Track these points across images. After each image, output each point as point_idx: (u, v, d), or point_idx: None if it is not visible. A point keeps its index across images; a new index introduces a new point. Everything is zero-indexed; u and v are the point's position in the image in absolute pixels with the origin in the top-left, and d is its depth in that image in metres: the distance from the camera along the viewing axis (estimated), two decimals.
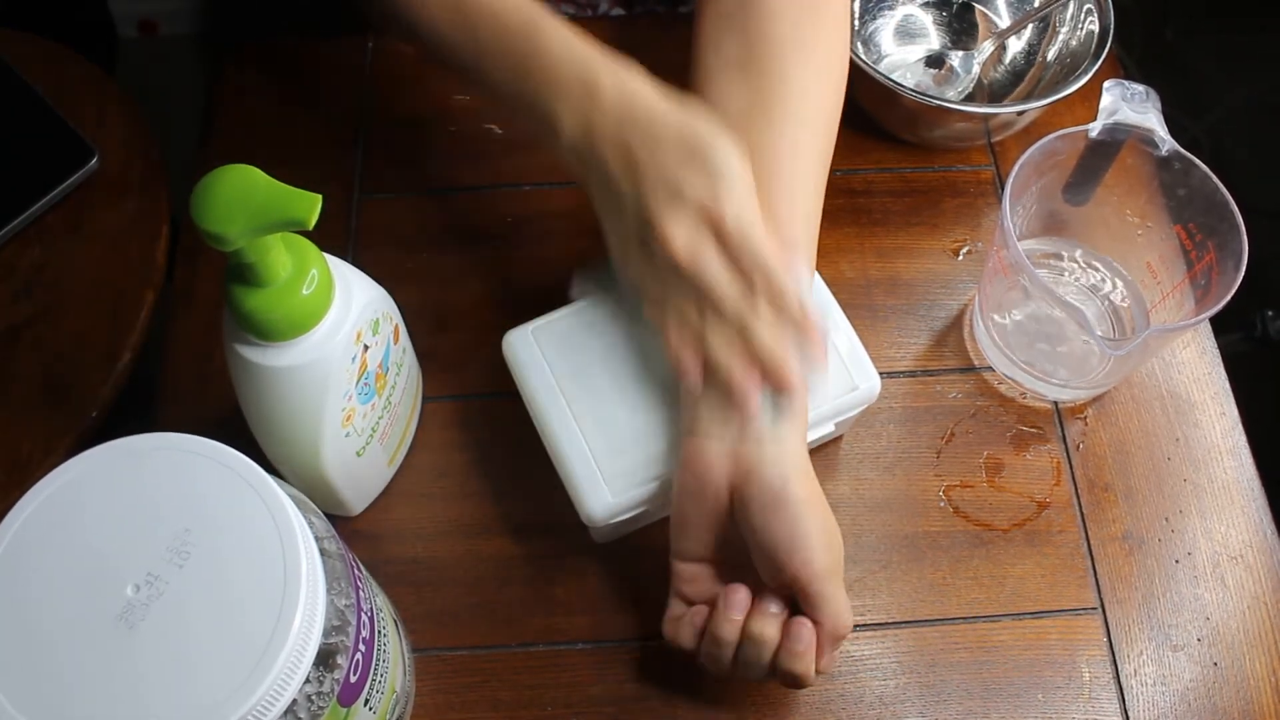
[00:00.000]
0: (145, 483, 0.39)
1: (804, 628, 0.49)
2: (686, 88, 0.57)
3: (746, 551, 0.52)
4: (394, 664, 0.48)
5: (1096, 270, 0.67)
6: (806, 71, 0.56)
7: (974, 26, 0.77)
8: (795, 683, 0.51)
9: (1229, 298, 0.56)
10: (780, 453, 0.50)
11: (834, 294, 0.59)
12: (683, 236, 0.49)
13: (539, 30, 0.53)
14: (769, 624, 0.50)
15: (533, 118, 0.54)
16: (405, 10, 0.56)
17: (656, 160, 0.50)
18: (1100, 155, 0.62)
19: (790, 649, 0.49)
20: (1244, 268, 0.57)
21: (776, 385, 0.50)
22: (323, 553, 0.40)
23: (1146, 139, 0.60)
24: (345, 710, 0.42)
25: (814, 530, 0.49)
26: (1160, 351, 0.66)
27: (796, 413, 0.52)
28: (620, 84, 0.52)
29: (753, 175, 0.53)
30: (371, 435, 0.56)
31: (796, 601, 0.51)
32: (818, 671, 0.50)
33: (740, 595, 0.51)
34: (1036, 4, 0.75)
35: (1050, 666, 0.57)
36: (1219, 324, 0.63)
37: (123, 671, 0.36)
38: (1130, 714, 0.56)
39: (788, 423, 0.51)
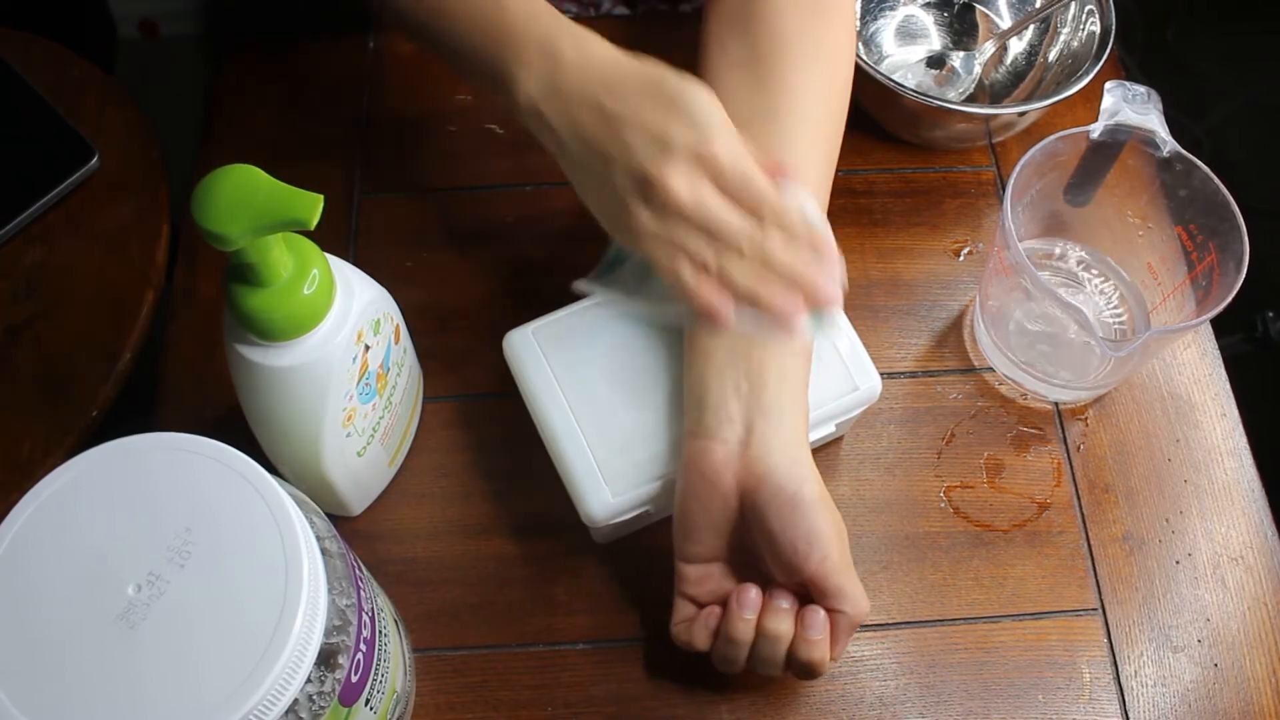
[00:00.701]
0: (146, 482, 0.39)
1: (817, 615, 0.50)
2: None
3: (752, 550, 0.52)
4: (395, 664, 0.48)
5: (1097, 271, 0.67)
6: (812, 73, 0.56)
7: (975, 27, 0.77)
8: (810, 672, 0.51)
9: (1230, 299, 0.56)
10: (791, 456, 0.50)
11: None
12: (683, 183, 0.49)
13: None
14: (783, 619, 0.51)
15: (493, 80, 0.54)
16: None
17: (634, 114, 0.49)
18: (1101, 156, 0.62)
19: (806, 638, 0.50)
20: (1245, 269, 0.57)
21: (815, 301, 0.49)
22: (324, 552, 0.40)
23: (1148, 140, 0.60)
24: (346, 710, 0.42)
25: (827, 529, 0.50)
26: (1161, 353, 0.66)
27: (801, 411, 0.52)
28: (580, 45, 0.52)
29: None
30: (372, 435, 0.56)
31: (807, 593, 0.51)
32: (832, 659, 0.51)
33: (752, 595, 0.51)
34: (1038, 5, 0.75)
35: (1050, 667, 0.57)
36: (1220, 325, 0.63)
37: (124, 671, 0.36)
38: (1130, 715, 0.56)
39: (794, 423, 0.51)
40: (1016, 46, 0.75)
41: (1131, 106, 0.60)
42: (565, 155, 0.52)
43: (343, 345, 0.49)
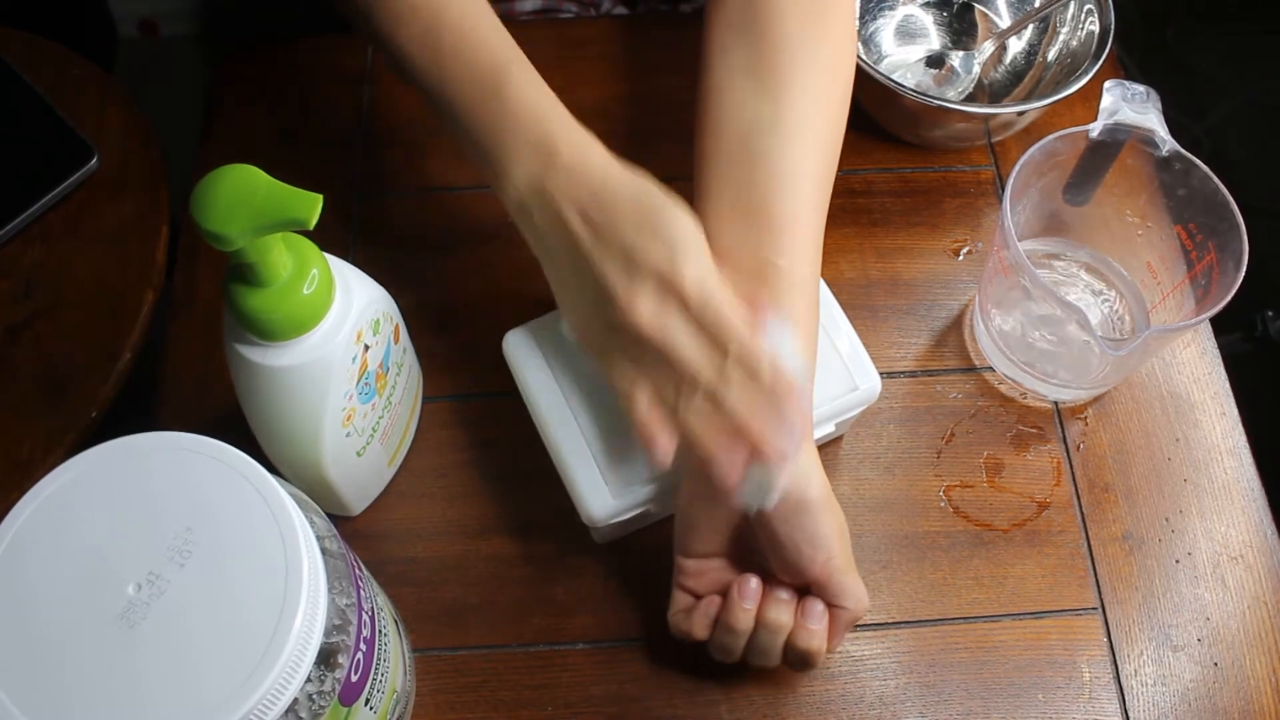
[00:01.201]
0: (146, 482, 0.39)
1: (816, 605, 0.51)
2: (694, 93, 0.57)
3: (752, 546, 0.52)
4: (395, 663, 0.48)
5: (1096, 270, 0.67)
6: (813, 77, 0.56)
7: (974, 27, 0.77)
8: (806, 662, 0.52)
9: (1229, 298, 0.56)
10: (799, 458, 0.50)
11: (834, 294, 0.59)
12: (647, 308, 0.48)
13: (507, 79, 0.52)
14: (783, 610, 0.51)
15: (485, 164, 0.53)
16: (381, 27, 0.55)
17: (611, 227, 0.49)
18: (1100, 155, 0.62)
19: (806, 626, 0.51)
20: (1244, 268, 0.57)
21: (754, 456, 0.47)
22: (324, 552, 0.40)
23: (1147, 139, 0.60)
24: (346, 709, 0.42)
25: (832, 530, 0.50)
26: (1160, 352, 0.66)
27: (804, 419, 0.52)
28: (577, 149, 0.51)
29: (759, 181, 0.52)
30: (372, 435, 0.56)
31: (808, 589, 0.51)
32: (828, 651, 0.52)
33: (754, 585, 0.51)
34: (1037, 4, 0.75)
35: (1050, 666, 0.57)
36: (1219, 324, 0.63)
37: (124, 671, 0.36)
38: (1130, 714, 0.56)
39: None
40: (1015, 46, 0.75)
41: (1131, 106, 0.60)
42: (544, 255, 0.52)
43: (342, 345, 0.49)
